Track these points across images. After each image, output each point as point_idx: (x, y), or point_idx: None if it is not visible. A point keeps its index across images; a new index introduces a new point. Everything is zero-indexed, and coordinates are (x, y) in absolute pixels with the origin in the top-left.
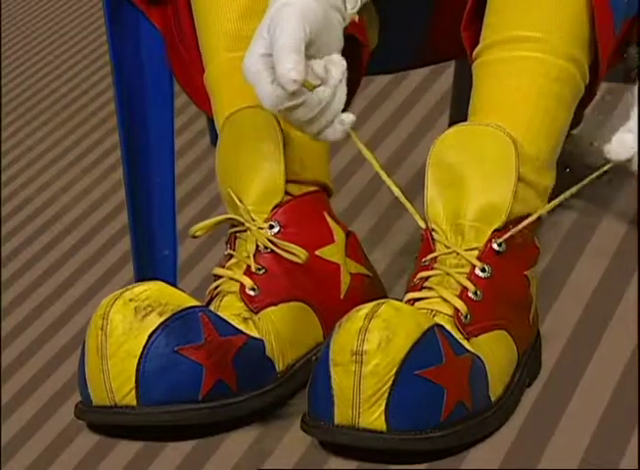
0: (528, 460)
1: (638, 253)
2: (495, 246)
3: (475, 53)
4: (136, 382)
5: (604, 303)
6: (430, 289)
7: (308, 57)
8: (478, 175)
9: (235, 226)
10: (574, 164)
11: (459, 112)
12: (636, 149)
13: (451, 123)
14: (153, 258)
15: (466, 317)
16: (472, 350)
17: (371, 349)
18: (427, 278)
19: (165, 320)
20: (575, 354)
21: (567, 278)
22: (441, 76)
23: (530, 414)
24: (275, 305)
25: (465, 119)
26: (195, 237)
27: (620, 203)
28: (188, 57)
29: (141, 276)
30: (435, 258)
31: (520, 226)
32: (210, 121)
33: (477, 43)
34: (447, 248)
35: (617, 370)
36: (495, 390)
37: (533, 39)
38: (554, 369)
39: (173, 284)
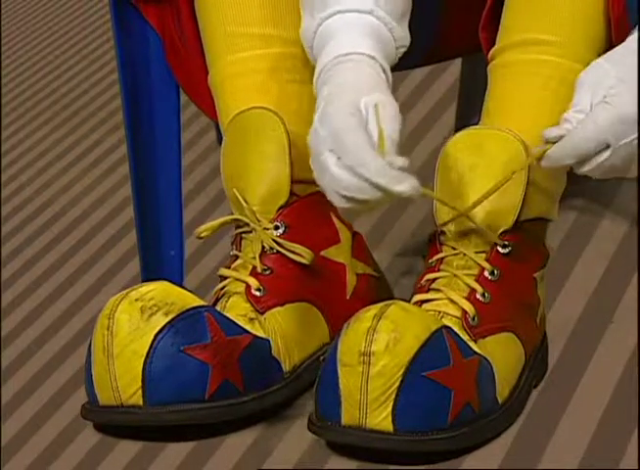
0: (528, 460)
1: (638, 253)
2: (501, 248)
3: (491, 54)
4: (142, 382)
5: (604, 303)
6: (437, 291)
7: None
8: (487, 179)
9: (240, 227)
10: None
11: (466, 109)
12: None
13: (458, 119)
14: (159, 256)
15: (473, 319)
16: (479, 352)
17: (379, 350)
18: (434, 280)
19: (171, 320)
20: (575, 354)
21: (567, 278)
22: (445, 73)
23: (530, 414)
24: (281, 305)
25: (472, 116)
26: (200, 238)
27: (620, 203)
28: (189, 59)
29: (147, 275)
30: (442, 259)
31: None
32: (216, 122)
33: (494, 44)
34: (454, 249)
35: (617, 370)
36: (502, 391)
37: (549, 42)
38: (554, 369)
39: (179, 284)
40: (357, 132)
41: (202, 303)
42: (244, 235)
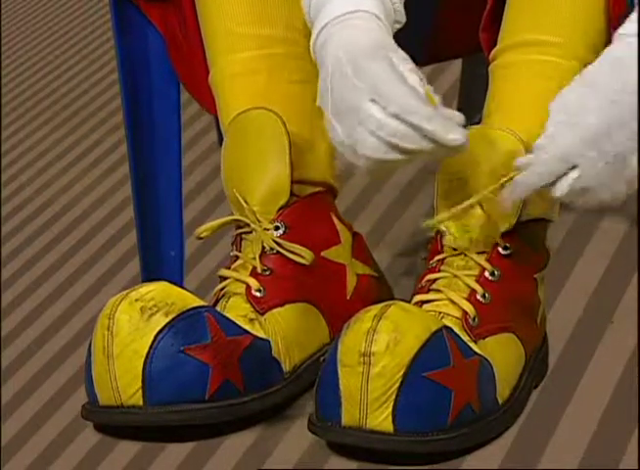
0: (528, 460)
1: (638, 253)
2: (501, 249)
3: (492, 55)
4: (142, 382)
5: (604, 303)
6: (438, 291)
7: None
8: (488, 179)
9: (241, 227)
10: None
11: (466, 109)
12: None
13: None
14: (159, 256)
15: (474, 320)
16: (480, 352)
17: (379, 350)
18: (434, 280)
19: (171, 320)
20: (575, 355)
21: (567, 278)
22: (445, 73)
23: (530, 414)
24: (281, 305)
25: (472, 116)
26: (200, 238)
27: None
28: (192, 56)
29: (147, 275)
30: (442, 259)
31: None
32: (217, 120)
33: (495, 45)
34: (454, 250)
35: (617, 370)
36: (503, 392)
37: (550, 43)
38: (554, 369)
39: (179, 284)
40: (401, 83)
41: (202, 303)
42: (244, 235)
